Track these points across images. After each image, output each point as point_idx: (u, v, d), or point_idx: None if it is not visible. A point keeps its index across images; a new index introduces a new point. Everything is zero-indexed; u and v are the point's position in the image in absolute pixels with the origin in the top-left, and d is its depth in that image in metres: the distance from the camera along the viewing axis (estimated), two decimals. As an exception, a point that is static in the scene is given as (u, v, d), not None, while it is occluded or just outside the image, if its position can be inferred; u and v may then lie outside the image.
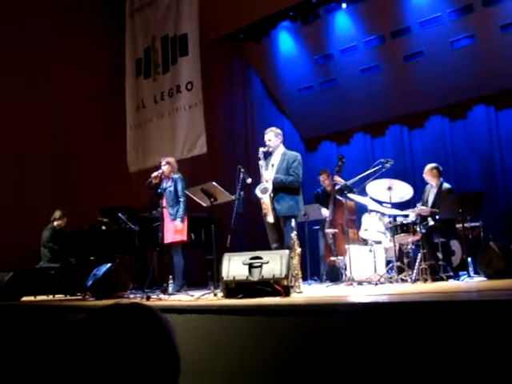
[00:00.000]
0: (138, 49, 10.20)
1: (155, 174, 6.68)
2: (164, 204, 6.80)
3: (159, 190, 6.74)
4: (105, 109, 10.39)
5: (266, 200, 5.74)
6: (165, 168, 6.92)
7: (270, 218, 5.74)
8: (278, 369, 3.23)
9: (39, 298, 7.56)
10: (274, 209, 5.74)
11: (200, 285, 7.87)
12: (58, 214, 8.35)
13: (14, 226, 8.17)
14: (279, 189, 5.80)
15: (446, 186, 7.01)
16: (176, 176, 6.97)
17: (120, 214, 7.55)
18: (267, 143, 6.02)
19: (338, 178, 7.60)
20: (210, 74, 10.53)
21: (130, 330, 1.02)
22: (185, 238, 6.87)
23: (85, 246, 7.81)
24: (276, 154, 6.05)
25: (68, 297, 7.75)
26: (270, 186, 5.75)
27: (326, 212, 7.86)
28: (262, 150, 5.97)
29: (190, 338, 3.60)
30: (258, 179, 5.96)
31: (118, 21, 10.50)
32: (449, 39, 10.45)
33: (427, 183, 7.22)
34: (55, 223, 8.32)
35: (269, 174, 5.86)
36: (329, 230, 7.70)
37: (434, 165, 7.14)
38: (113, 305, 1.08)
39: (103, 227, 8.03)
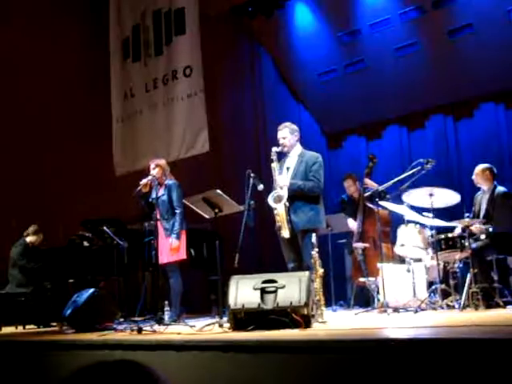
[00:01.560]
0: (125, 26, 10.24)
1: (145, 180, 6.65)
2: (158, 216, 6.77)
3: (150, 200, 6.72)
4: (85, 100, 10.43)
5: (280, 210, 5.72)
6: (155, 172, 6.84)
7: (286, 233, 5.72)
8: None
9: (5, 329, 7.59)
10: (290, 221, 5.72)
11: (202, 311, 7.89)
12: (31, 228, 8.38)
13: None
14: (296, 197, 5.78)
15: (501, 189, 6.95)
16: (170, 182, 6.94)
17: (105, 228, 7.58)
18: (281, 142, 6.00)
19: (369, 182, 7.58)
20: (213, 57, 10.56)
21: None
22: (183, 256, 6.87)
23: (62, 265, 7.86)
24: (292, 154, 6.03)
25: (41, 328, 7.78)
26: (284, 194, 5.73)
27: (353, 224, 7.84)
28: (275, 149, 5.94)
29: (189, 380, 3.60)
30: (271, 185, 5.94)
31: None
32: (503, 8, 10.39)
33: (477, 188, 7.17)
34: (28, 239, 8.35)
35: (284, 178, 5.84)
36: (358, 245, 7.68)
37: (486, 165, 7.09)
38: (98, 363, 1.07)
39: (85, 243, 8.06)
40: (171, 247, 6.74)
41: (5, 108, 9.34)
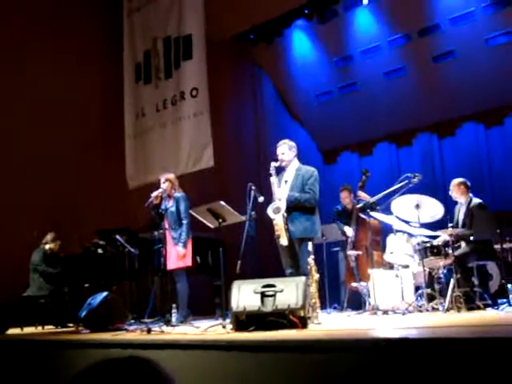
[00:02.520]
0: (138, 52, 10.28)
1: (155, 193, 6.65)
2: (166, 226, 6.79)
3: (160, 211, 6.74)
4: (101, 119, 10.47)
5: (278, 221, 5.71)
6: (165, 186, 6.88)
7: (284, 241, 5.71)
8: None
9: (27, 330, 7.57)
10: (287, 230, 5.71)
11: (206, 313, 7.86)
12: (50, 236, 8.37)
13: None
14: (293, 208, 5.77)
15: (476, 200, 6.94)
16: (178, 195, 6.97)
17: (118, 236, 7.56)
18: (280, 157, 5.99)
19: (362, 194, 7.58)
20: (217, 80, 10.58)
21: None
22: (189, 263, 6.87)
23: (78, 271, 7.85)
24: (289, 169, 6.02)
25: (59, 328, 7.76)
26: (283, 205, 5.72)
27: (349, 231, 7.83)
28: (273, 164, 5.93)
29: (195, 377, 3.59)
30: (270, 197, 5.94)
31: (115, 21, 10.59)
32: (483, 37, 10.43)
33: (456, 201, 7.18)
34: (47, 246, 8.34)
35: (282, 191, 5.84)
36: (351, 252, 7.67)
37: (460, 180, 7.07)
38: (109, 360, 1.06)
39: (99, 250, 8.06)
40: (178, 254, 6.75)
41: (27, 125, 9.35)
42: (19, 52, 9.46)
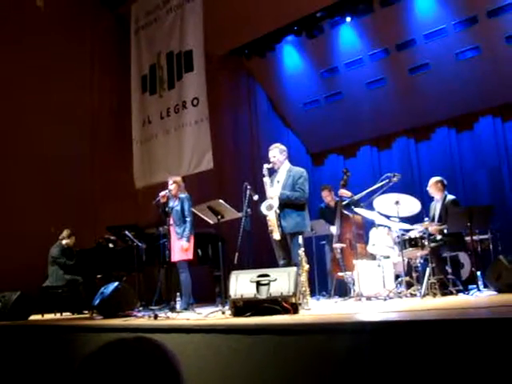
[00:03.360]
0: (144, 65, 10.26)
1: (163, 193, 6.72)
2: (171, 222, 6.83)
3: (166, 209, 6.78)
4: (111, 125, 10.46)
5: (271, 217, 5.71)
6: (172, 187, 6.97)
7: (276, 235, 5.71)
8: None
9: (46, 316, 7.56)
10: (280, 225, 5.71)
11: (208, 300, 7.85)
12: (66, 232, 8.39)
13: (21, 246, 8.15)
14: (285, 205, 5.75)
15: (450, 197, 6.99)
16: (183, 196, 7.01)
17: (127, 232, 7.55)
18: (272, 160, 5.98)
19: (344, 192, 7.58)
20: (216, 90, 10.60)
21: (135, 365, 1.02)
22: (191, 256, 6.89)
23: (92, 264, 7.84)
24: (281, 170, 6.00)
25: (75, 315, 7.76)
26: (275, 203, 5.72)
27: (332, 229, 7.84)
28: (266, 166, 5.91)
29: (197, 357, 3.59)
30: (264, 196, 5.93)
31: (123, 38, 10.58)
32: (454, 51, 10.48)
33: (432, 198, 7.20)
34: (63, 242, 8.35)
35: (274, 190, 5.82)
36: (337, 245, 7.67)
37: (438, 178, 7.12)
38: (119, 340, 1.07)
39: (110, 245, 8.04)
40: (182, 248, 6.77)
41: (46, 129, 9.33)
42: (40, 60, 9.42)
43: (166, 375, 1.03)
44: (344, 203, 7.48)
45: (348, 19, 10.89)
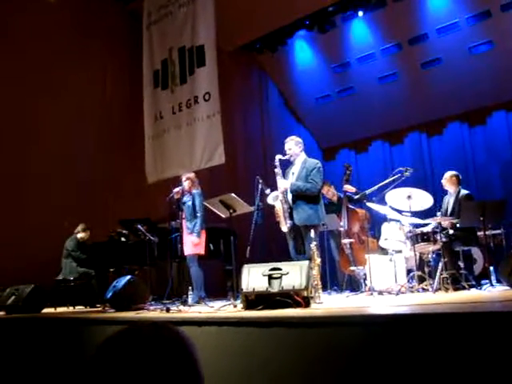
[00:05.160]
0: (156, 60, 10.26)
1: (177, 189, 6.87)
2: (183, 217, 6.90)
3: (180, 204, 6.87)
4: (124, 121, 10.50)
5: (278, 206, 5.73)
6: (185, 184, 7.07)
7: (284, 227, 5.72)
8: (299, 381, 3.21)
9: (59, 309, 7.61)
10: (291, 217, 5.71)
11: (220, 295, 7.87)
12: (81, 227, 8.45)
13: (35, 239, 8.22)
14: (297, 196, 5.75)
15: (464, 192, 6.95)
16: (195, 191, 7.09)
17: (139, 226, 7.58)
18: (287, 152, 5.98)
19: (348, 187, 7.55)
20: (228, 85, 10.59)
21: (152, 350, 1.02)
22: (202, 251, 6.95)
23: (104, 257, 7.87)
24: (297, 162, 6.00)
25: (88, 308, 7.81)
26: (280, 194, 5.73)
27: (342, 222, 7.82)
28: (278, 157, 5.92)
29: (209, 350, 3.60)
30: (275, 189, 5.93)
31: (135, 33, 10.60)
32: (467, 45, 10.41)
33: (446, 191, 7.16)
34: (78, 235, 8.41)
35: (284, 182, 5.83)
36: (345, 241, 7.64)
37: (453, 172, 7.09)
38: (134, 325, 1.07)
39: (122, 239, 8.07)
40: (192, 243, 6.82)
41: (62, 127, 9.40)
42: (53, 55, 9.51)
43: (184, 360, 1.04)
44: (355, 198, 7.47)
45: (360, 13, 10.84)
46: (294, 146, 6.02)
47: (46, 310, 7.06)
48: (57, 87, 9.47)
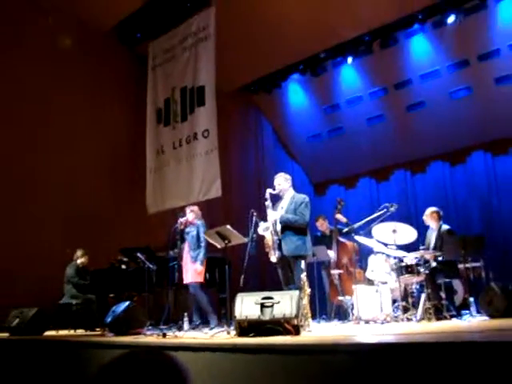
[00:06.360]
0: (159, 99, 10.37)
1: (181, 220, 6.98)
2: (186, 247, 6.93)
3: (183, 234, 6.95)
4: (127, 154, 10.53)
5: (268, 237, 5.73)
6: (189, 215, 7.16)
7: (273, 258, 5.70)
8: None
9: (61, 332, 7.52)
10: (280, 248, 5.70)
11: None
12: (80, 252, 8.43)
13: (39, 265, 8.14)
14: (286, 227, 5.74)
15: (445, 227, 6.97)
16: (199, 222, 7.17)
17: (139, 254, 7.55)
18: (277, 187, 6.01)
19: (339, 216, 7.58)
20: (225, 122, 10.68)
21: (148, 375, 1.01)
22: (202, 279, 6.93)
23: (105, 283, 7.81)
24: (286, 197, 6.01)
25: (88, 332, 7.70)
26: (271, 225, 5.74)
27: (331, 253, 7.81)
28: (269, 191, 5.94)
29: (203, 375, 3.55)
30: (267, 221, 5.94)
31: (140, 74, 10.73)
32: (448, 91, 10.59)
33: (427, 227, 7.18)
34: (78, 261, 8.38)
35: (274, 214, 5.83)
36: (334, 271, 7.64)
37: (434, 209, 7.13)
38: (130, 352, 1.07)
39: (123, 266, 8.02)
40: (196, 271, 6.82)
41: (66, 158, 9.42)
42: (64, 95, 9.62)
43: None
44: (344, 231, 7.49)
45: (349, 60, 11.03)
46: (283, 181, 6.05)
47: (48, 333, 6.96)
48: (65, 121, 9.54)
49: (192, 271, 6.84)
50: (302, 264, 5.37)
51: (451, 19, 9.57)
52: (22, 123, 8.98)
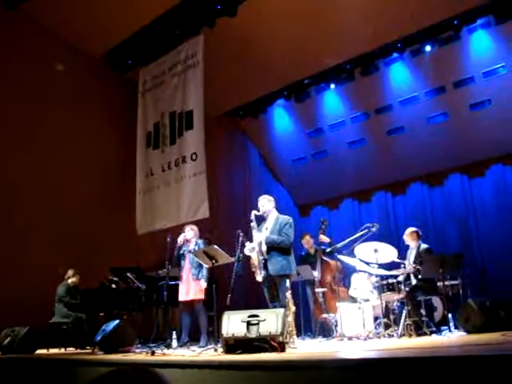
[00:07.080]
0: (149, 123, 10.40)
1: (181, 238, 6.93)
2: (187, 264, 6.87)
3: (181, 252, 6.94)
4: (117, 176, 10.50)
5: (254, 257, 5.74)
6: (188, 234, 7.07)
7: (259, 277, 5.70)
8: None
9: (52, 350, 7.41)
10: (266, 268, 5.70)
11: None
12: (70, 272, 8.32)
13: (30, 285, 8.05)
14: (271, 248, 5.75)
15: (424, 246, 7.02)
16: (199, 241, 7.13)
17: (128, 274, 7.50)
18: (261, 208, 6.04)
19: (323, 237, 7.61)
20: (213, 146, 10.72)
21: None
22: (203, 296, 6.87)
23: (95, 302, 7.73)
24: (270, 218, 6.03)
25: (78, 350, 7.59)
26: (256, 245, 5.75)
27: (315, 273, 7.82)
28: (254, 212, 5.96)
29: (191, 391, 3.52)
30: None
31: (130, 98, 10.77)
32: (426, 116, 10.75)
33: (407, 246, 7.24)
34: (69, 281, 8.27)
35: (259, 235, 5.84)
36: (319, 290, 7.65)
37: (413, 229, 7.18)
38: (117, 369, 1.07)
39: (113, 285, 7.96)
40: (200, 288, 6.75)
41: (60, 180, 9.39)
42: (58, 118, 9.64)
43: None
44: (327, 251, 7.51)
45: (332, 86, 11.18)
46: (266, 203, 6.08)
47: (39, 351, 6.87)
48: (57, 142, 9.53)
49: (195, 288, 6.76)
50: (287, 283, 5.38)
51: (428, 48, 9.79)
52: (12, 144, 8.95)
